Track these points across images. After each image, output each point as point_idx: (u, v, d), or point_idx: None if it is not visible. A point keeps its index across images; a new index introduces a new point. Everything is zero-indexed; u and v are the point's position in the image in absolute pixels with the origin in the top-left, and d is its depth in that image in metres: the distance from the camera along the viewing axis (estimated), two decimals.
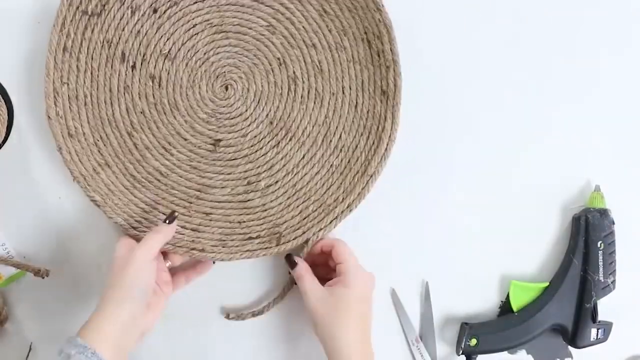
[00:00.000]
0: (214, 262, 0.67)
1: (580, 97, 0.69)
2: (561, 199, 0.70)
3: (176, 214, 0.64)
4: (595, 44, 0.69)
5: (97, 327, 0.56)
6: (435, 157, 0.70)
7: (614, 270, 0.67)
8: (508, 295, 0.68)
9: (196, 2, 0.65)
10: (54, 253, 0.69)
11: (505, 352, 0.69)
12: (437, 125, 0.69)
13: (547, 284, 0.67)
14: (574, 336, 0.67)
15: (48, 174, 0.68)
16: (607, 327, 0.67)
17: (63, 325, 0.70)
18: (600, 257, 0.66)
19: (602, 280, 0.66)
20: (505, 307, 0.68)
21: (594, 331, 0.66)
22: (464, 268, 0.70)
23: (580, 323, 0.66)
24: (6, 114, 0.65)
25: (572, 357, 0.70)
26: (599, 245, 0.66)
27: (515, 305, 0.67)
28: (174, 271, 0.66)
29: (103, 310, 0.57)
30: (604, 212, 0.67)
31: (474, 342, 0.66)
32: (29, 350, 0.69)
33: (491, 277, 0.70)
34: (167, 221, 0.62)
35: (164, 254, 0.66)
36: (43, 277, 0.65)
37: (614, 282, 0.66)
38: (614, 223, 0.67)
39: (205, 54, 0.66)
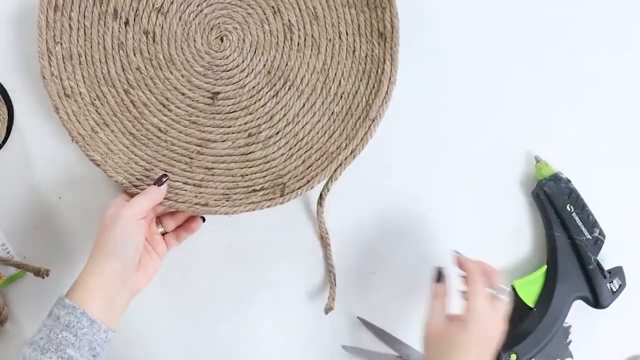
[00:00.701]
0: (203, 220, 0.66)
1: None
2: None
3: (165, 179, 0.63)
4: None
5: (85, 286, 0.55)
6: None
7: (595, 221, 0.66)
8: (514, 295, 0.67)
9: None
10: (54, 253, 0.68)
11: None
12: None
13: (545, 266, 0.67)
14: (596, 300, 0.66)
15: (48, 174, 0.68)
16: (620, 274, 0.67)
17: None
18: (577, 219, 0.66)
19: (590, 238, 0.66)
20: (518, 307, 0.66)
21: (610, 286, 0.66)
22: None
23: (595, 285, 0.65)
24: (6, 114, 0.66)
25: (572, 357, 0.69)
26: (569, 209, 0.66)
27: (530, 301, 0.66)
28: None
29: (91, 268, 0.56)
30: (555, 178, 0.66)
31: (514, 357, 0.65)
32: None
33: None
34: (157, 183, 0.62)
35: (158, 219, 0.65)
36: (43, 277, 0.65)
37: (600, 232, 0.66)
38: (569, 181, 0.67)
39: (198, 5, 0.65)
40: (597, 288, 0.65)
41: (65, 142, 0.67)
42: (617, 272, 0.66)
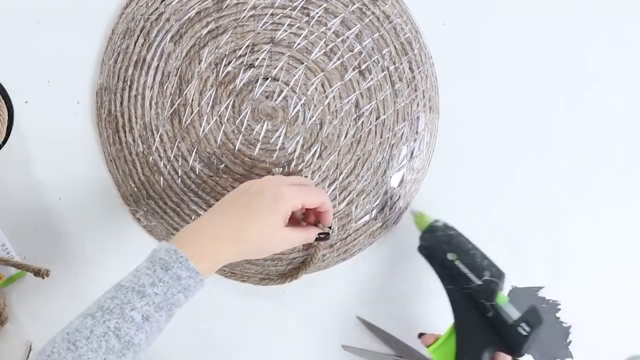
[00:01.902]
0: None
1: None
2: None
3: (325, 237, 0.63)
4: None
5: (214, 264, 0.53)
6: None
7: (485, 263, 0.59)
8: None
9: None
10: (54, 253, 0.68)
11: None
12: None
13: (452, 324, 0.61)
14: (511, 348, 0.58)
15: (48, 174, 0.68)
16: (532, 314, 0.58)
17: (63, 325, 0.68)
18: (461, 266, 0.59)
19: (481, 283, 0.59)
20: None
21: (519, 330, 0.57)
22: None
23: (503, 333, 0.58)
24: (6, 114, 0.66)
25: (572, 357, 0.68)
26: (450, 258, 0.60)
27: None
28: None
29: (214, 224, 0.54)
30: (431, 228, 0.62)
31: None
32: (29, 350, 0.68)
33: None
34: (319, 238, 0.62)
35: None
36: (43, 277, 0.65)
37: (493, 273, 0.59)
38: (448, 227, 0.62)
39: None
40: (505, 335, 0.57)
41: (64, 142, 0.68)
42: (530, 312, 0.58)
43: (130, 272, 0.52)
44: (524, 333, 0.57)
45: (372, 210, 0.68)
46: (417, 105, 0.68)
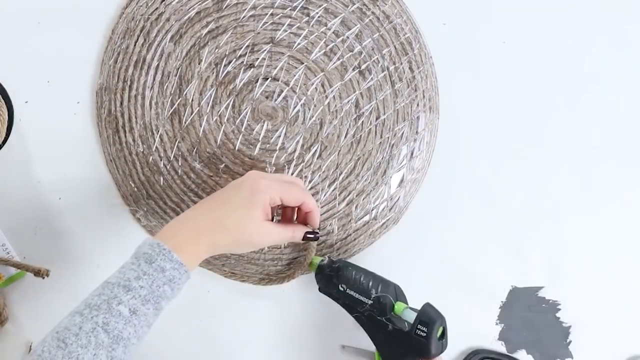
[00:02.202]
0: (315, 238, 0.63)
1: None
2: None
3: (316, 236, 0.62)
4: None
5: (196, 255, 0.54)
6: None
7: (370, 281, 0.62)
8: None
9: None
10: (54, 253, 0.68)
11: (504, 349, 0.69)
12: None
13: (376, 349, 0.63)
14: (420, 353, 0.58)
15: (48, 174, 0.68)
16: (424, 315, 0.58)
17: None
18: (352, 293, 0.62)
19: (372, 302, 0.61)
20: None
21: (418, 332, 0.58)
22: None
23: (407, 342, 0.59)
24: (6, 114, 0.66)
25: (572, 357, 0.68)
26: (342, 288, 0.62)
27: None
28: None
29: (207, 239, 0.54)
30: (319, 269, 0.64)
31: None
32: (29, 350, 0.68)
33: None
34: (308, 235, 0.61)
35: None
36: (43, 277, 0.65)
37: (381, 287, 0.61)
38: (334, 261, 0.64)
39: None
40: (409, 343, 0.58)
41: (64, 142, 0.68)
42: (422, 312, 0.59)
43: (117, 270, 0.52)
44: (423, 334, 0.57)
45: (372, 210, 0.68)
46: (417, 105, 0.68)
